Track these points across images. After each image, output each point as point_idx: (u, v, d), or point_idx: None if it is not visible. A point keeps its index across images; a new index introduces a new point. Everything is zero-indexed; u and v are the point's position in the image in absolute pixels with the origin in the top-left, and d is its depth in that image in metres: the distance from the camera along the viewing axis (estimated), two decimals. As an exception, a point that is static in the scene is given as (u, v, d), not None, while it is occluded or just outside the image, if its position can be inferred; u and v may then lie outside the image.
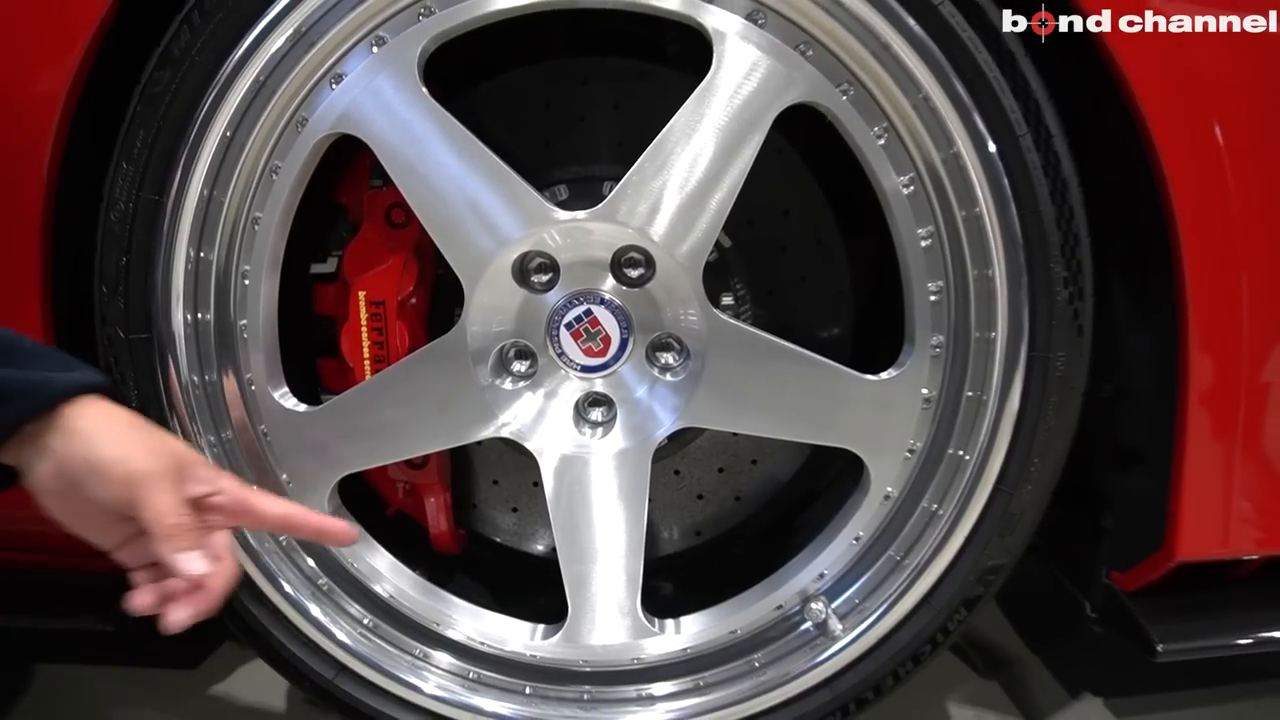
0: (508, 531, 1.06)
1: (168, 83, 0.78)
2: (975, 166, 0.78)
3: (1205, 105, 0.76)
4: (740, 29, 0.77)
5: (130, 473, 0.66)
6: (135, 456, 0.67)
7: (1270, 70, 0.77)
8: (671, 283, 0.84)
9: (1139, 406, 0.90)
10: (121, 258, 0.82)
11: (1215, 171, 0.77)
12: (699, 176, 0.79)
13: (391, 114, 0.79)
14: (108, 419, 0.68)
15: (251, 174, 0.82)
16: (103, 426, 0.68)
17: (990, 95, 0.76)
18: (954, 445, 0.85)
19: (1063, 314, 0.80)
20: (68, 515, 0.70)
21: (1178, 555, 0.85)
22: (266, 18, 0.77)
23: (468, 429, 0.86)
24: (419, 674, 0.91)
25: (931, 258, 0.81)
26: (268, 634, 0.90)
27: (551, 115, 0.94)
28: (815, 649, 0.89)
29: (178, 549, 0.66)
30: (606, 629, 0.89)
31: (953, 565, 0.86)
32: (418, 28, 0.78)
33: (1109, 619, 0.94)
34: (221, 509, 0.71)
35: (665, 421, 0.86)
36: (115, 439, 0.67)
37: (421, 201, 0.81)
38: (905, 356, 0.84)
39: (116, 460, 0.66)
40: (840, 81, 0.78)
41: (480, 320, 0.84)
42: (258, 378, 0.85)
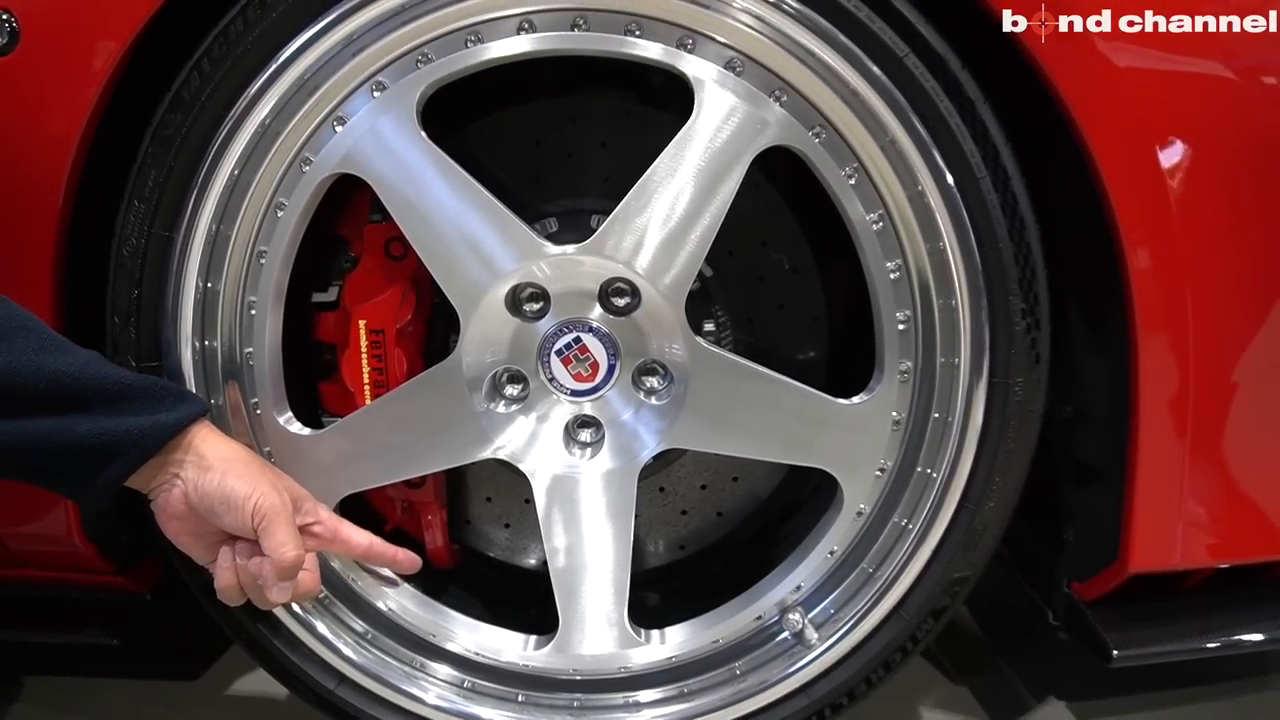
0: (500, 546, 1.10)
1: (178, 125, 0.83)
2: (939, 205, 0.83)
3: (1151, 150, 0.82)
4: (718, 76, 0.82)
5: (259, 507, 0.75)
6: (264, 492, 0.75)
7: (1217, 115, 0.83)
8: (656, 312, 0.89)
9: (1096, 427, 0.95)
10: (133, 290, 0.86)
11: (1161, 208, 0.83)
12: (680, 214, 0.84)
13: (392, 155, 0.84)
14: (231, 450, 0.77)
15: (258, 210, 0.86)
16: (228, 460, 0.76)
17: (952, 140, 0.82)
18: (922, 464, 0.90)
19: (1021, 343, 0.85)
20: (181, 534, 0.79)
21: (1131, 567, 0.91)
22: (273, 65, 0.82)
23: (464, 451, 0.91)
24: (418, 684, 0.95)
25: (900, 289, 0.87)
26: (271, 645, 0.94)
27: (542, 151, 0.99)
28: (793, 657, 0.94)
29: (286, 578, 0.76)
30: (595, 640, 0.94)
31: (921, 577, 0.91)
32: (416, 74, 0.83)
33: (1069, 626, 0.99)
34: (318, 536, 0.82)
35: (650, 443, 0.91)
36: (243, 474, 0.76)
37: (420, 237, 0.86)
38: (876, 381, 0.89)
39: (248, 495, 0.75)
40: (813, 125, 0.84)
41: (475, 348, 0.89)
42: (263, 403, 0.90)
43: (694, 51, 0.82)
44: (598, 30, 0.82)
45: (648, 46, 0.82)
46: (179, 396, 0.77)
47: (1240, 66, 0.82)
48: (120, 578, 1.01)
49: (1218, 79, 0.82)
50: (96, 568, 0.99)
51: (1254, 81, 0.82)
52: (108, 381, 0.73)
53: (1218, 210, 0.84)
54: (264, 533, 0.75)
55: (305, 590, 0.80)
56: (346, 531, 0.84)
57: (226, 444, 0.78)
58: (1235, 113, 0.82)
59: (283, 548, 0.75)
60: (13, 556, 0.96)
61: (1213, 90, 0.82)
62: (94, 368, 0.73)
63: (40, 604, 1.03)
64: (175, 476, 0.75)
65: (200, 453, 0.75)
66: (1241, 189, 0.83)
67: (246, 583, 0.78)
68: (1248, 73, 0.82)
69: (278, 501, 0.75)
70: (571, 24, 0.83)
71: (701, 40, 0.82)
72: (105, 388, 0.72)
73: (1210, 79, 0.82)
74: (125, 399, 0.73)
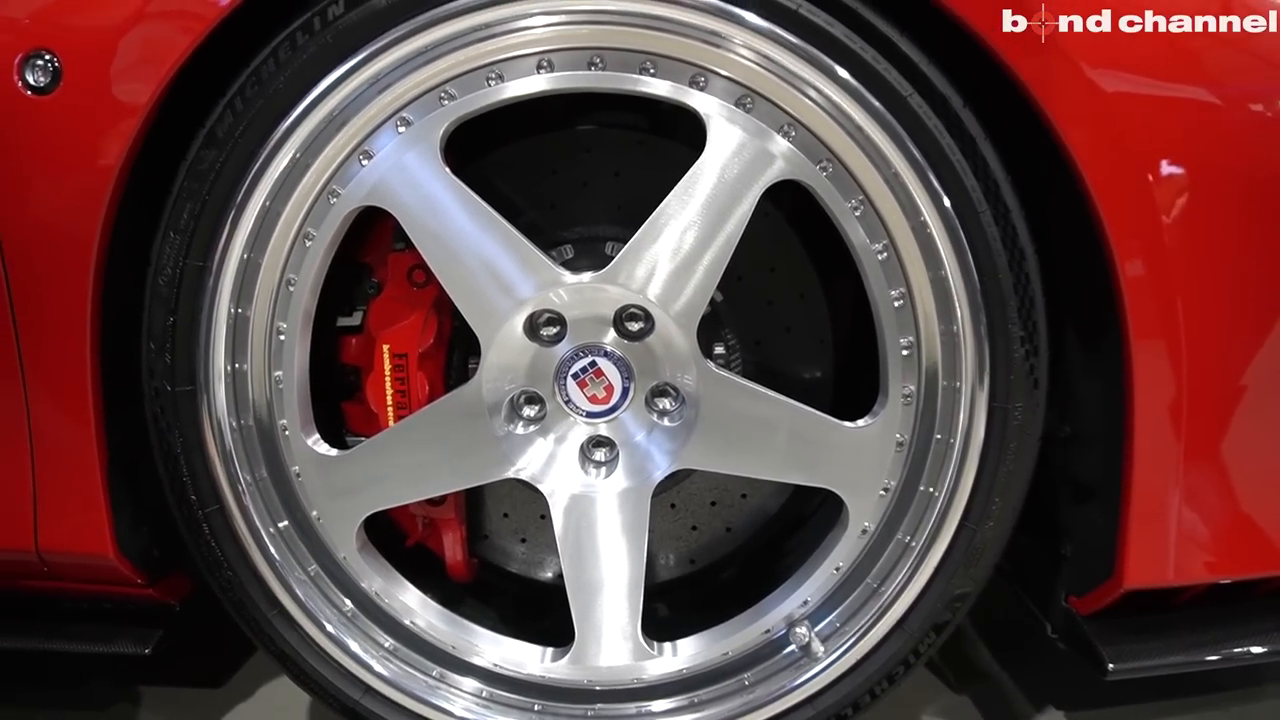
0: (517, 560, 1.14)
1: (212, 161, 0.87)
2: (941, 236, 0.87)
3: (1144, 181, 0.85)
4: (729, 113, 0.86)
5: None
6: None
7: (1208, 145, 0.86)
8: (668, 337, 0.92)
9: (1093, 447, 0.99)
10: (168, 317, 0.90)
11: (1155, 240, 0.86)
12: (692, 244, 0.88)
13: (416, 189, 0.88)
14: None
15: (287, 240, 0.90)
16: None
17: (953, 175, 0.85)
18: (925, 484, 0.93)
19: (1020, 369, 0.89)
20: None
21: (1125, 584, 0.94)
22: (303, 103, 0.85)
23: (485, 471, 0.95)
24: (439, 694, 0.99)
25: (903, 315, 0.90)
26: (298, 656, 0.98)
27: (558, 180, 1.02)
28: (799, 669, 0.97)
29: None
30: (610, 652, 0.97)
31: (924, 593, 0.95)
32: (440, 111, 0.87)
33: (1067, 639, 1.03)
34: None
35: (662, 464, 0.95)
36: None
37: (442, 266, 0.90)
38: (880, 405, 0.93)
39: None
40: (820, 160, 0.87)
41: (494, 372, 0.93)
42: (291, 424, 0.93)
43: (705, 89, 0.86)
44: (614, 70, 0.86)
45: (661, 85, 0.86)
46: None
47: (1228, 94, 0.85)
48: (151, 590, 1.05)
49: (1206, 106, 0.85)
50: (129, 581, 1.02)
51: (1242, 109, 0.86)
52: None
53: (1210, 239, 0.87)
54: None
55: None
56: None
57: None
58: (1225, 143, 0.86)
59: None
60: (51, 570, 1.00)
61: (1203, 119, 0.85)
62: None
63: (75, 615, 1.07)
64: None
65: None
66: (1232, 219, 0.87)
67: None
68: (1235, 100, 0.85)
69: None
70: (589, 63, 0.86)
71: (713, 78, 0.86)
72: None
73: (1199, 106, 0.85)
74: None
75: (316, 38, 0.84)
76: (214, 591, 0.97)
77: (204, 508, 0.94)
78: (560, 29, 0.84)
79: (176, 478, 0.94)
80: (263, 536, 0.95)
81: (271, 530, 0.95)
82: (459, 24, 0.83)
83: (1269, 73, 0.85)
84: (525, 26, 0.84)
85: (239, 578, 0.96)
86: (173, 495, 0.94)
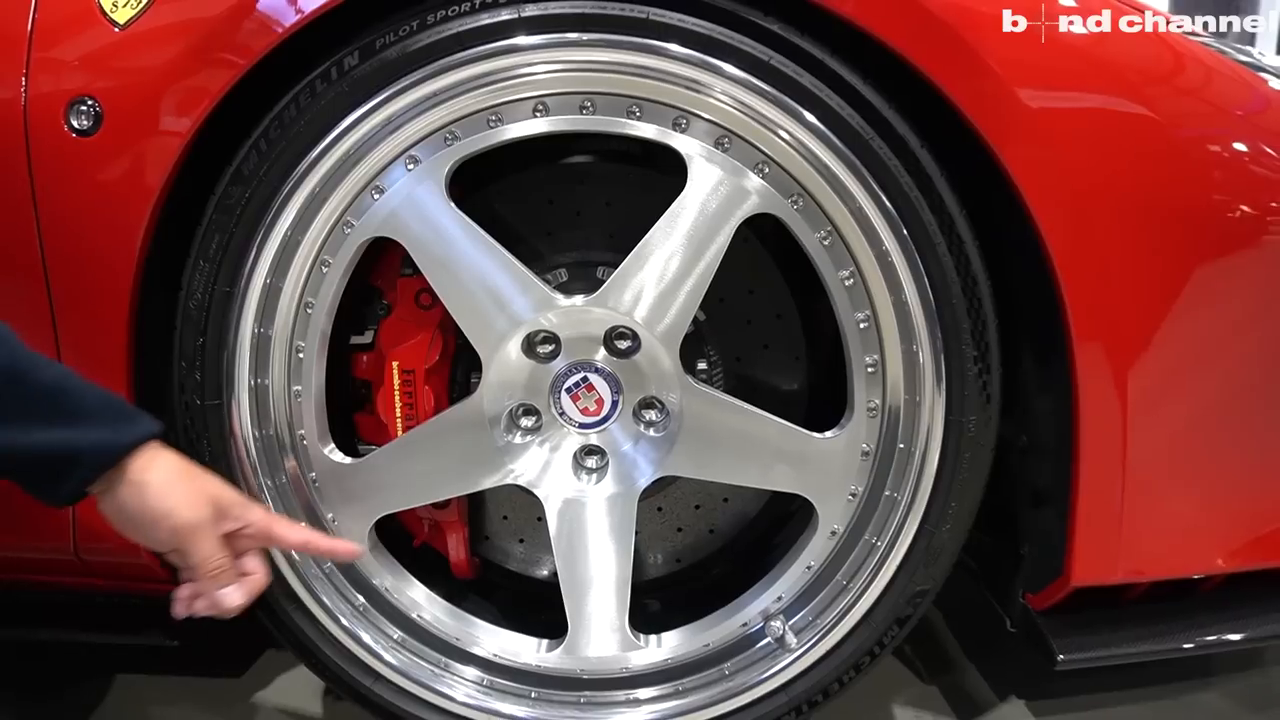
0: (516, 559, 1.23)
1: (239, 197, 0.95)
2: (901, 265, 0.95)
3: (1088, 216, 0.94)
4: (708, 153, 0.95)
5: (175, 525, 0.82)
6: (179, 510, 0.82)
7: (1150, 185, 0.94)
8: (654, 355, 1.01)
9: (1046, 457, 1.06)
10: (198, 338, 0.98)
11: (1099, 269, 0.94)
12: (674, 272, 0.96)
13: (423, 220, 0.96)
14: (162, 469, 0.82)
15: (305, 267, 0.98)
16: (156, 478, 0.82)
17: (912, 210, 0.93)
18: (889, 489, 1.02)
19: (973, 385, 0.97)
20: (131, 536, 0.86)
21: (1073, 582, 1.02)
22: (322, 144, 0.94)
23: (485, 477, 1.03)
24: (443, 682, 1.08)
25: (868, 336, 0.99)
26: (315, 646, 1.06)
27: (554, 209, 1.11)
28: (774, 659, 1.06)
29: (219, 586, 0.84)
30: (600, 643, 1.06)
31: (887, 589, 1.03)
32: (446, 150, 0.95)
33: (1023, 633, 1.11)
34: (251, 538, 0.89)
35: (648, 471, 1.03)
36: (164, 493, 0.82)
37: (447, 290, 0.98)
38: (847, 417, 1.01)
39: (165, 514, 0.82)
40: (791, 194, 0.96)
41: (494, 387, 1.01)
42: (309, 434, 1.02)
43: (687, 131, 0.94)
44: (603, 113, 0.94)
45: (646, 127, 0.94)
46: (134, 416, 0.83)
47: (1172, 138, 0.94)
48: (176, 586, 1.13)
49: (1148, 150, 0.94)
50: (157, 577, 1.11)
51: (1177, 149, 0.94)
52: (73, 394, 0.80)
53: (1150, 270, 0.95)
54: (183, 552, 0.82)
55: (256, 588, 0.87)
56: (280, 531, 0.90)
57: (160, 462, 0.82)
58: (1164, 181, 0.94)
59: (204, 563, 0.82)
60: (87, 567, 1.09)
61: (1146, 162, 0.94)
62: (68, 383, 0.80)
63: (106, 609, 1.16)
64: (111, 492, 0.81)
65: (133, 476, 0.81)
66: (1170, 249, 0.95)
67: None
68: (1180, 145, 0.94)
69: (191, 517, 0.81)
70: (580, 107, 0.95)
71: (694, 120, 0.94)
72: (73, 400, 0.79)
73: (1141, 150, 0.94)
74: (86, 411, 0.80)
75: (334, 85, 0.92)
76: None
77: (230, 511, 1.02)
78: (553, 76, 0.93)
79: (204, 483, 1.02)
80: (283, 537, 1.04)
81: (291, 531, 1.04)
82: (461, 73, 0.92)
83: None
84: (522, 75, 0.92)
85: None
86: (201, 499, 1.03)
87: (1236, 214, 0.94)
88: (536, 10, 0.91)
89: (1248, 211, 0.95)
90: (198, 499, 0.84)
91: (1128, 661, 1.06)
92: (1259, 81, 1.00)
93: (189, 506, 0.83)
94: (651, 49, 0.91)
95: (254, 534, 0.89)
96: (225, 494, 0.87)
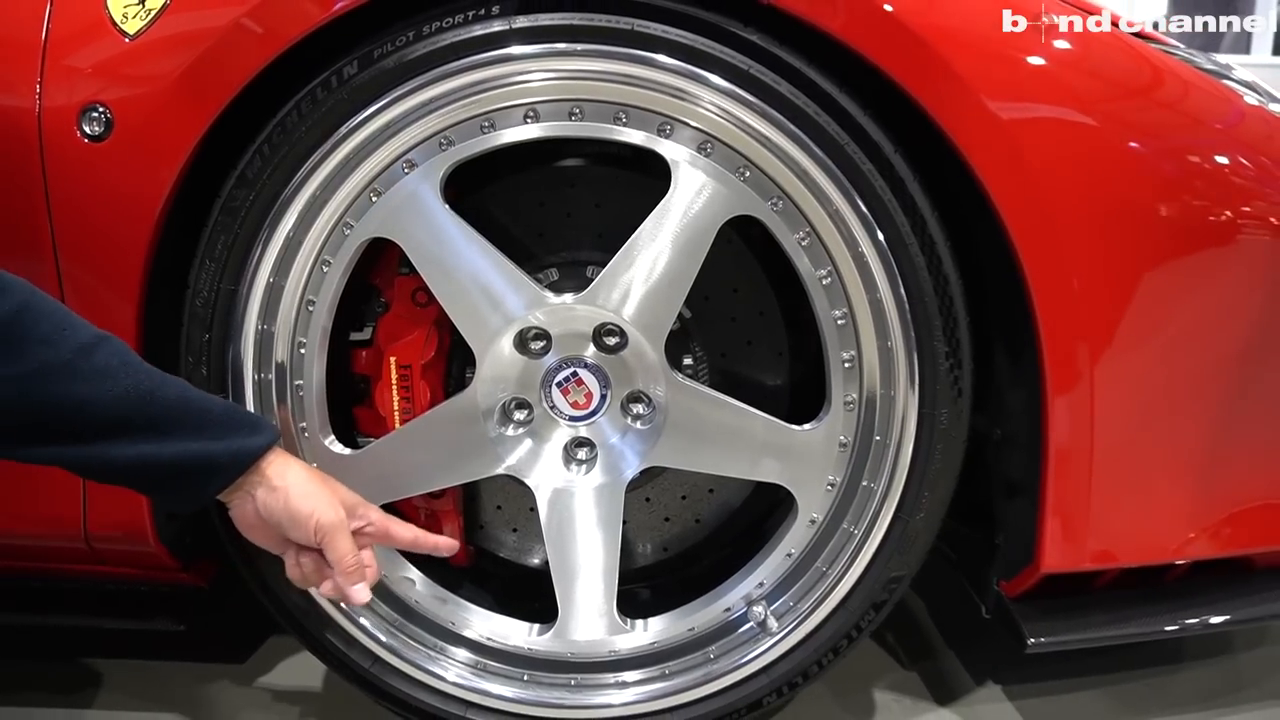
0: (509, 548, 1.27)
1: (243, 199, 1.00)
2: (876, 264, 0.99)
3: (1054, 219, 0.98)
4: (691, 158, 0.99)
5: (319, 524, 0.90)
6: (322, 510, 0.91)
7: (1102, 190, 0.98)
8: (640, 351, 1.05)
9: (1019, 449, 1.10)
10: (204, 334, 1.03)
11: (1065, 271, 0.98)
12: (660, 272, 1.01)
13: (420, 222, 1.01)
14: (296, 472, 0.92)
15: (307, 266, 1.02)
16: (294, 481, 0.91)
17: (885, 212, 0.98)
18: (865, 479, 1.06)
19: (945, 380, 1.02)
20: (255, 537, 0.95)
21: (1043, 569, 1.07)
22: (322, 149, 0.98)
23: (479, 468, 1.08)
24: (439, 664, 1.12)
25: (845, 333, 1.03)
26: (318, 632, 1.11)
27: (545, 211, 1.15)
28: (756, 643, 1.10)
29: (353, 582, 0.92)
30: (588, 627, 1.11)
31: (864, 575, 1.07)
32: (441, 155, 1.00)
33: (997, 618, 1.15)
34: (370, 535, 0.97)
35: (634, 462, 1.08)
36: (305, 494, 0.91)
37: (442, 289, 1.03)
38: (825, 410, 1.06)
39: (308, 514, 0.90)
40: (771, 197, 1.00)
41: (488, 381, 1.06)
42: (310, 427, 1.06)
43: (671, 136, 0.99)
44: (591, 120, 0.99)
45: (633, 133, 0.99)
46: (256, 423, 0.92)
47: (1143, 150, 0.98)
48: (184, 574, 1.18)
49: (1108, 156, 0.98)
50: (165, 565, 1.16)
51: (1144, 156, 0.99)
52: (200, 408, 0.88)
53: (1114, 270, 1.00)
54: (325, 547, 0.91)
55: (374, 580, 0.96)
56: (395, 529, 0.99)
57: (291, 467, 0.93)
58: (1128, 188, 0.98)
59: (344, 559, 0.91)
60: (97, 555, 1.13)
61: (1106, 168, 0.98)
62: (189, 395, 0.88)
63: (115, 596, 1.21)
64: (249, 495, 0.91)
65: (268, 475, 0.90)
66: (1132, 252, 0.99)
67: (310, 577, 0.95)
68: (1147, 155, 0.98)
69: (334, 518, 0.91)
70: (569, 113, 0.99)
71: (678, 126, 0.99)
72: (199, 414, 0.87)
73: (1101, 156, 0.98)
74: (214, 425, 0.88)
75: (334, 93, 0.97)
76: (242, 574, 1.10)
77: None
78: (543, 84, 0.97)
79: (210, 473, 1.07)
80: (285, 525, 1.08)
81: (293, 520, 1.08)
82: (454, 81, 0.96)
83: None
84: (513, 83, 0.97)
85: (264, 560, 1.09)
86: (206, 489, 1.08)
87: (1193, 219, 0.99)
88: (526, 22, 0.95)
89: (1204, 217, 0.99)
90: (333, 499, 0.93)
91: (1095, 645, 1.11)
92: (1210, 84, 1.04)
93: (330, 507, 0.91)
94: (636, 58, 0.95)
95: (373, 532, 0.97)
96: (350, 495, 0.97)
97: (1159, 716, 1.23)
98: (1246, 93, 1.07)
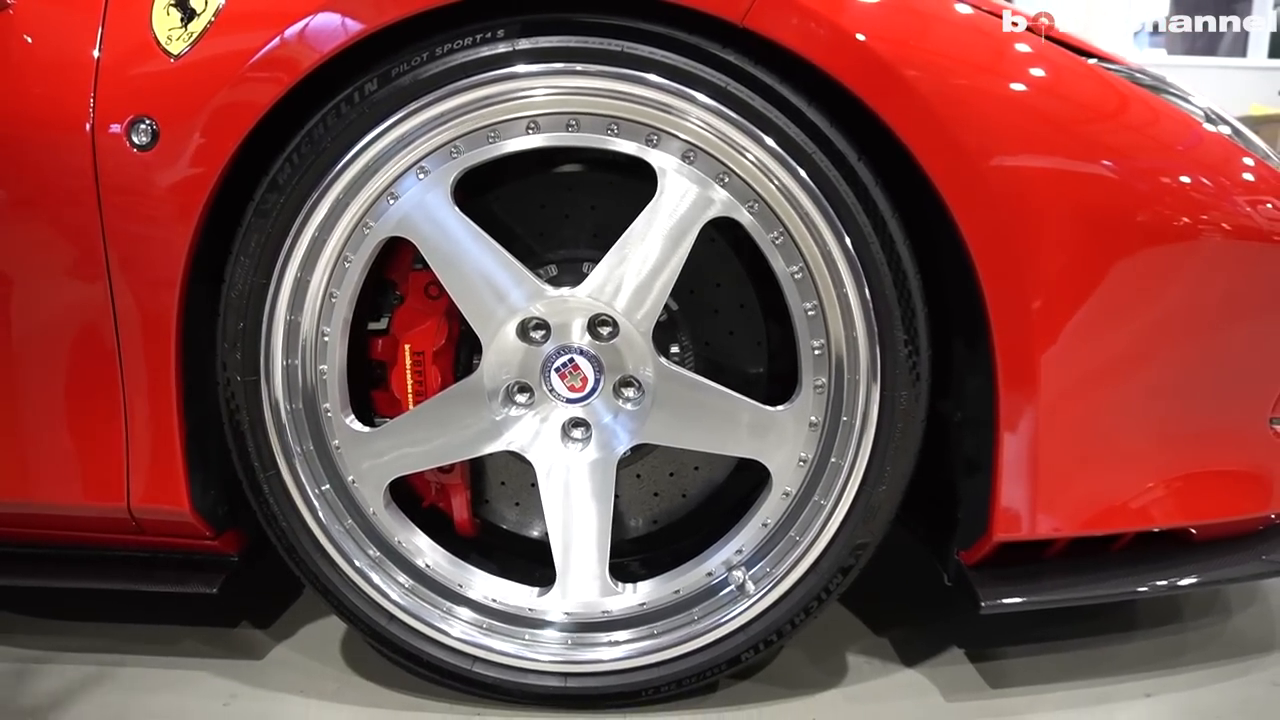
0: (511, 521, 1.38)
1: (274, 202, 1.11)
2: (841, 261, 1.11)
3: (1004, 219, 1.09)
4: (676, 166, 1.10)
5: None
6: None
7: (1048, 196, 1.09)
8: (630, 339, 1.16)
9: (977, 430, 1.21)
10: (240, 323, 1.14)
11: (1015, 272, 1.09)
12: (648, 268, 1.12)
13: (433, 223, 1.12)
14: None
15: (330, 263, 1.14)
16: None
17: (849, 214, 1.09)
18: (834, 455, 1.17)
19: (904, 365, 1.13)
20: None
21: (995, 537, 1.18)
22: (345, 157, 1.10)
23: (484, 445, 1.19)
24: (448, 622, 1.24)
25: (814, 323, 1.14)
26: (340, 593, 1.23)
27: (545, 212, 1.27)
28: (735, 604, 1.21)
29: None
30: (584, 590, 1.22)
31: (832, 542, 1.19)
32: (451, 163, 1.11)
33: (956, 584, 1.26)
34: None
35: (625, 440, 1.19)
36: None
37: (452, 283, 1.14)
38: (797, 393, 1.17)
39: None
40: (748, 201, 1.11)
41: (493, 367, 1.17)
42: (333, 407, 1.18)
43: (658, 146, 1.10)
44: (587, 131, 1.10)
45: (624, 143, 1.10)
46: None
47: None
48: (216, 542, 1.30)
49: (1053, 165, 1.09)
50: (200, 534, 1.27)
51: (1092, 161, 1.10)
52: None
53: (1059, 267, 1.11)
54: None
55: None
56: None
57: None
58: (1070, 194, 1.09)
59: None
60: (140, 526, 1.25)
61: (1050, 176, 1.09)
62: None
63: (152, 563, 1.32)
64: None
65: None
66: (1076, 252, 1.10)
67: None
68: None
69: None
70: (567, 125, 1.10)
71: (664, 137, 1.10)
72: None
73: (1046, 165, 1.09)
74: None
75: (356, 108, 1.08)
76: (272, 539, 1.22)
77: (265, 471, 1.19)
78: (543, 99, 1.08)
79: (243, 449, 1.19)
80: (310, 496, 1.20)
81: (317, 491, 1.20)
82: (463, 97, 1.08)
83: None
84: (516, 98, 1.08)
85: (292, 528, 1.21)
86: (240, 462, 1.20)
87: (1129, 223, 1.10)
88: (529, 44, 1.07)
89: (1142, 221, 1.10)
90: None
91: (1043, 607, 1.22)
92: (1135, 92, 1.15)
93: None
94: (627, 77, 1.07)
95: None
96: None
97: (1106, 676, 1.33)
98: (1179, 101, 1.18)
